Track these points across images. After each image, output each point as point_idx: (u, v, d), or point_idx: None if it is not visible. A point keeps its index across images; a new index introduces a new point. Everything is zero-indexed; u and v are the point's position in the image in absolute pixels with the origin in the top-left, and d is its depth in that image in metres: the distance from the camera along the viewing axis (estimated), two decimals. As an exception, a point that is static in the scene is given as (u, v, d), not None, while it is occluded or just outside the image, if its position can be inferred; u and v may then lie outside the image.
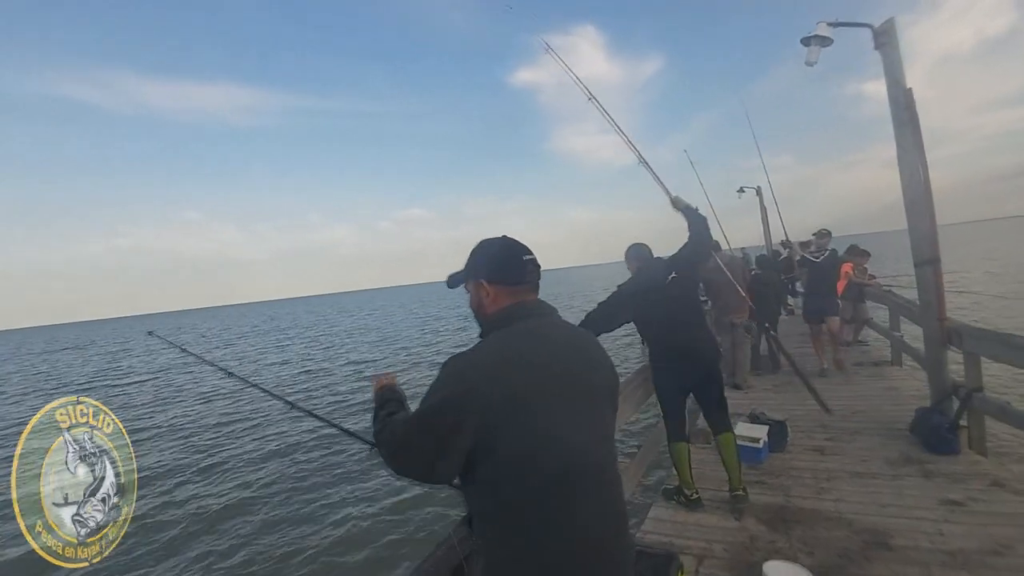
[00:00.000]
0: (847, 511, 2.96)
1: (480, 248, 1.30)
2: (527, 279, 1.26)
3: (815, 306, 6.32)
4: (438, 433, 1.06)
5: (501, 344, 1.14)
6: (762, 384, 6.08)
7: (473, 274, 1.29)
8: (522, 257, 1.26)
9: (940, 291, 3.90)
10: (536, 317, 1.22)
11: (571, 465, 1.08)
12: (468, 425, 1.02)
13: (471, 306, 1.31)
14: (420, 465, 1.12)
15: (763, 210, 12.89)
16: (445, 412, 1.05)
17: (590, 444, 1.14)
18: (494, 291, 1.24)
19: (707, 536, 2.87)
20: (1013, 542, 2.48)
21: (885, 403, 4.85)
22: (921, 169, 3.81)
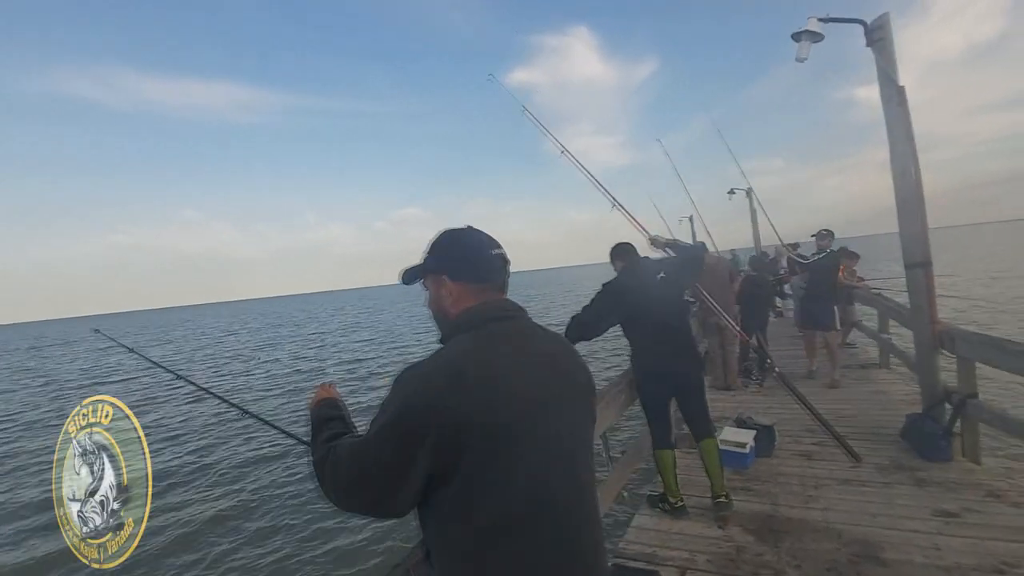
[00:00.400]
0: (836, 521, 2.84)
1: (441, 239, 1.13)
2: (494, 276, 1.10)
3: (811, 313, 6.00)
4: (393, 459, 0.90)
5: (465, 351, 0.97)
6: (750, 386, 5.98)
7: (433, 269, 1.12)
8: (490, 251, 1.10)
9: (932, 294, 3.80)
10: (505, 320, 1.06)
11: (545, 492, 0.94)
12: (428, 447, 0.87)
13: (429, 306, 1.14)
14: (372, 498, 0.94)
15: (753, 212, 12.85)
16: (400, 433, 0.89)
17: (567, 466, 1.00)
18: (457, 289, 1.08)
19: (691, 546, 2.73)
20: (1018, 559, 2.35)
21: (873, 407, 4.76)
22: (913, 169, 3.71)
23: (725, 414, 4.71)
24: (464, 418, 0.88)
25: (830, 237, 5.94)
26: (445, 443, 0.87)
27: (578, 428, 1.07)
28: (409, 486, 0.90)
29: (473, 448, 0.88)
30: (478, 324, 1.03)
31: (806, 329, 6.19)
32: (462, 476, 0.88)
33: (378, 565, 4.73)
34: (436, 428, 0.87)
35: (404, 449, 0.89)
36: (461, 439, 0.87)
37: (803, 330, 6.28)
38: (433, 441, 0.87)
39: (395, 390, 0.94)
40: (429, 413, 0.88)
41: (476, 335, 1.01)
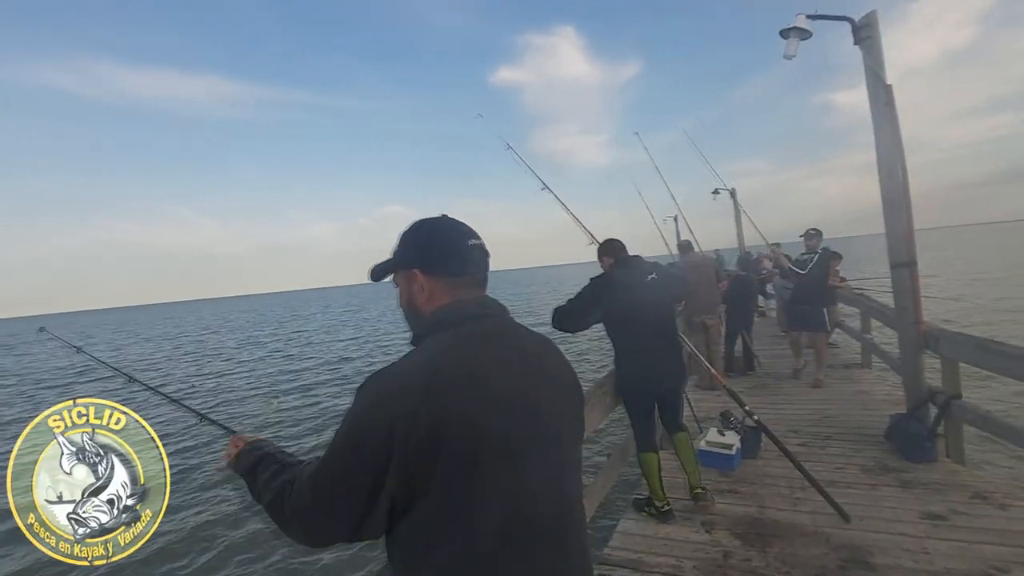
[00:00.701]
0: (824, 524, 2.79)
1: (413, 230, 1.02)
2: (472, 269, 0.99)
3: (801, 315, 5.80)
4: (360, 478, 0.79)
5: (442, 351, 0.86)
6: (735, 386, 5.91)
7: (404, 262, 1.01)
8: (467, 241, 1.00)
9: (917, 294, 3.78)
10: (485, 318, 0.96)
11: (534, 507, 0.84)
12: (398, 461, 0.76)
13: (400, 304, 1.03)
14: (340, 526, 0.83)
15: (737, 212, 12.93)
16: (366, 447, 0.78)
17: (553, 481, 0.90)
18: (430, 284, 0.98)
19: (677, 552, 2.66)
20: (1007, 564, 2.32)
21: (856, 408, 4.76)
22: (899, 168, 3.69)
23: (711, 414, 4.67)
24: (440, 426, 0.77)
25: (818, 236, 5.80)
26: (419, 455, 0.76)
27: (568, 434, 0.97)
28: (378, 507, 0.79)
29: (452, 461, 0.77)
30: (455, 322, 0.92)
31: (793, 331, 6.04)
32: (439, 492, 0.77)
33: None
34: (407, 438, 0.76)
35: (371, 465, 0.78)
36: (438, 450, 0.76)
37: (789, 331, 6.13)
38: (404, 453, 0.76)
39: (358, 399, 0.82)
40: (398, 422, 0.76)
41: (453, 334, 0.90)
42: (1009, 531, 2.59)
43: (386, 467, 0.77)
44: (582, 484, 1.02)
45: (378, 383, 0.83)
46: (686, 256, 6.22)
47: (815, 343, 5.75)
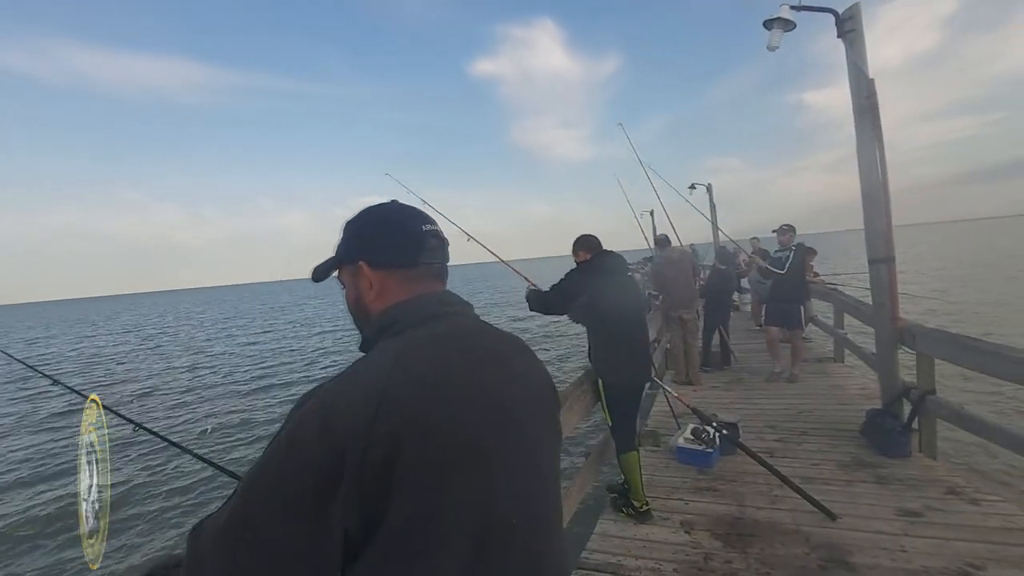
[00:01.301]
0: (804, 523, 2.75)
1: (357, 218, 0.89)
2: (427, 258, 0.86)
3: (779, 313, 5.69)
4: (290, 523, 0.62)
5: (394, 359, 0.72)
6: (711, 381, 5.95)
7: (348, 255, 0.87)
8: (420, 227, 0.87)
9: (894, 290, 3.79)
10: (445, 318, 0.83)
11: (501, 527, 0.71)
12: (342, 494, 0.62)
13: (348, 305, 0.89)
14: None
15: (713, 207, 13.03)
16: (309, 481, 0.62)
17: (530, 493, 0.78)
18: (379, 278, 0.85)
19: (657, 554, 2.59)
20: (982, 560, 2.31)
21: (831, 402, 4.78)
22: (879, 163, 3.68)
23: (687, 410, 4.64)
24: (401, 443, 0.63)
25: (792, 232, 5.74)
26: (376, 479, 0.62)
27: (545, 440, 0.85)
28: (321, 554, 0.63)
29: (416, 480, 0.64)
30: (412, 323, 0.79)
31: (771, 327, 5.86)
32: (401, 517, 0.63)
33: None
34: (363, 463, 0.62)
35: (303, 503, 0.62)
36: (398, 471, 0.63)
37: (767, 328, 5.96)
38: (360, 480, 0.62)
39: (295, 420, 0.67)
40: (350, 444, 0.62)
41: (410, 336, 0.77)
42: (983, 527, 2.60)
43: (322, 505, 0.62)
44: (560, 492, 0.91)
45: (321, 398, 0.68)
46: (664, 250, 6.18)
47: (792, 339, 5.70)
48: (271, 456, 0.65)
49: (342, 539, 0.64)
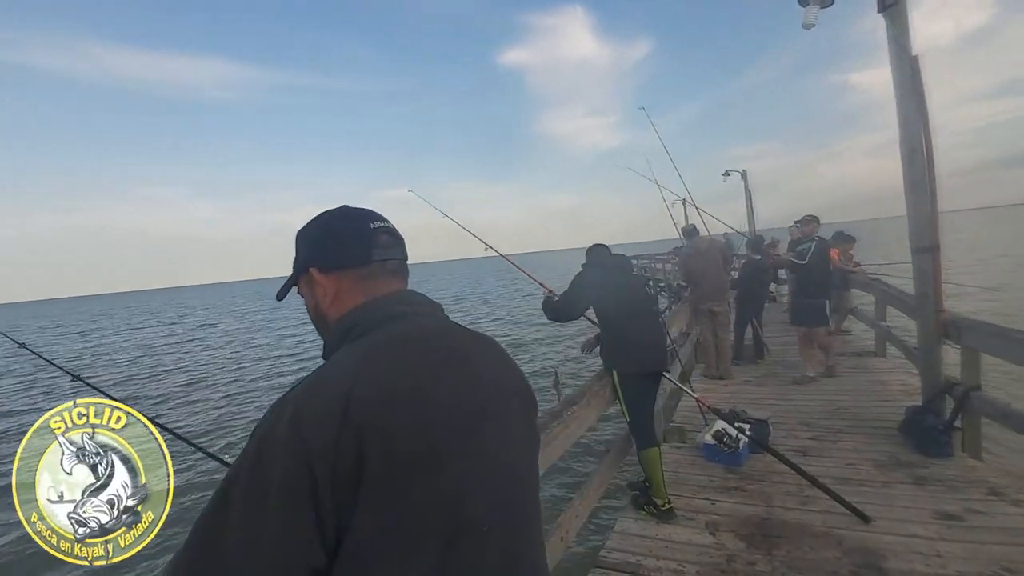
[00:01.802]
0: (835, 525, 2.65)
1: (305, 227, 0.88)
2: (379, 255, 0.84)
3: (802, 310, 5.37)
4: (263, 543, 0.59)
5: (356, 364, 0.70)
6: (744, 375, 5.79)
7: (301, 265, 0.86)
8: (368, 224, 0.85)
9: (938, 280, 3.58)
10: (407, 318, 0.80)
11: (473, 534, 0.69)
12: (314, 500, 0.60)
13: (309, 315, 0.88)
14: None
15: (748, 194, 12.63)
16: (276, 489, 0.60)
17: (504, 498, 0.75)
18: (333, 282, 0.83)
19: (679, 555, 2.53)
20: (1018, 565, 2.18)
21: (870, 399, 4.57)
22: (924, 146, 3.46)
23: (717, 405, 4.52)
24: (367, 450, 0.62)
25: (815, 222, 5.41)
26: (337, 491, 0.61)
27: (520, 443, 0.83)
28: (296, 563, 0.61)
29: (376, 492, 0.62)
30: (372, 326, 0.77)
31: (798, 327, 5.49)
32: (368, 526, 0.62)
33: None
34: (332, 473, 0.60)
35: (273, 521, 0.60)
36: (359, 481, 0.61)
37: (795, 327, 5.61)
38: (331, 491, 0.60)
39: (258, 432, 0.66)
40: (317, 455, 0.60)
41: (371, 340, 0.75)
42: (1021, 529, 2.46)
43: (302, 509, 0.60)
44: (538, 492, 0.88)
45: (287, 407, 0.66)
46: (692, 241, 6.01)
47: (817, 337, 5.32)
48: (241, 469, 0.64)
49: (319, 547, 0.61)
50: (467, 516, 0.69)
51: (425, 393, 0.70)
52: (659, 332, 3.13)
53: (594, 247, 3.22)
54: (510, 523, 0.75)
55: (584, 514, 2.41)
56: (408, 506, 0.64)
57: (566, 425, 2.11)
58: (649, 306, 3.15)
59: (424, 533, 0.65)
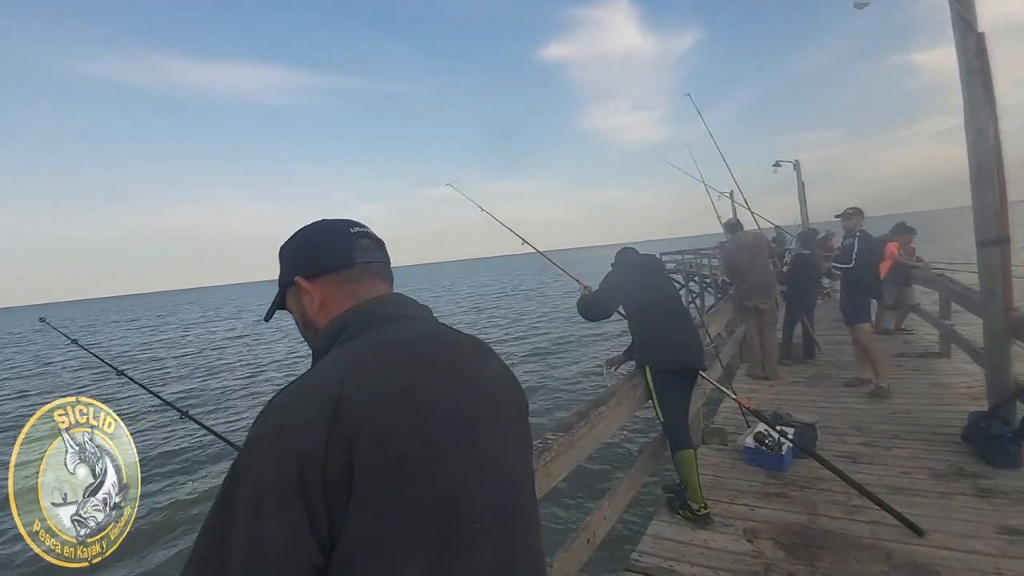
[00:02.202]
0: (885, 537, 2.49)
1: (287, 242, 0.89)
2: (360, 257, 0.85)
3: (846, 309, 4.89)
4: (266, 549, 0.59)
5: (344, 365, 0.70)
6: (792, 375, 5.53)
7: (286, 278, 0.87)
8: (348, 230, 0.86)
9: (1007, 275, 3.30)
10: (395, 321, 0.80)
11: (465, 538, 0.69)
12: (313, 506, 0.60)
13: (299, 328, 0.89)
14: None
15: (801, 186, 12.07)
16: (273, 500, 0.60)
17: (497, 502, 0.75)
18: (318, 289, 0.83)
19: (714, 562, 2.45)
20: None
21: (931, 403, 4.28)
22: (991, 130, 3.19)
23: (761, 407, 4.35)
24: (357, 451, 0.62)
25: (858, 216, 4.87)
26: (328, 496, 0.60)
27: (513, 447, 0.83)
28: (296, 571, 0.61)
29: (367, 496, 0.62)
30: (362, 328, 0.77)
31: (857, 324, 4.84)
32: (360, 528, 0.61)
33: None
34: (321, 474, 0.60)
35: (273, 523, 0.60)
36: (350, 485, 0.61)
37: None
38: (321, 492, 0.60)
39: (249, 440, 0.66)
40: (308, 455, 0.61)
41: (362, 342, 0.75)
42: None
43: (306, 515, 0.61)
44: (535, 494, 0.88)
45: (275, 411, 0.67)
46: (735, 236, 5.77)
47: (856, 336, 4.77)
48: (238, 472, 0.64)
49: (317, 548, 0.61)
50: (461, 518, 0.69)
51: (418, 395, 0.70)
52: (693, 330, 3.04)
53: (623, 249, 3.26)
54: (505, 525, 0.75)
55: (613, 516, 2.36)
56: (401, 508, 0.64)
57: (592, 425, 2.07)
58: (680, 304, 3.09)
59: (418, 535, 0.65)
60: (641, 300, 2.96)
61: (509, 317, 22.33)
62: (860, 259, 4.71)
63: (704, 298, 15.94)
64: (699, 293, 16.53)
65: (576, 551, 2.02)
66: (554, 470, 1.78)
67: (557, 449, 1.80)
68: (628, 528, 3.68)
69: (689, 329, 2.99)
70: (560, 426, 1.97)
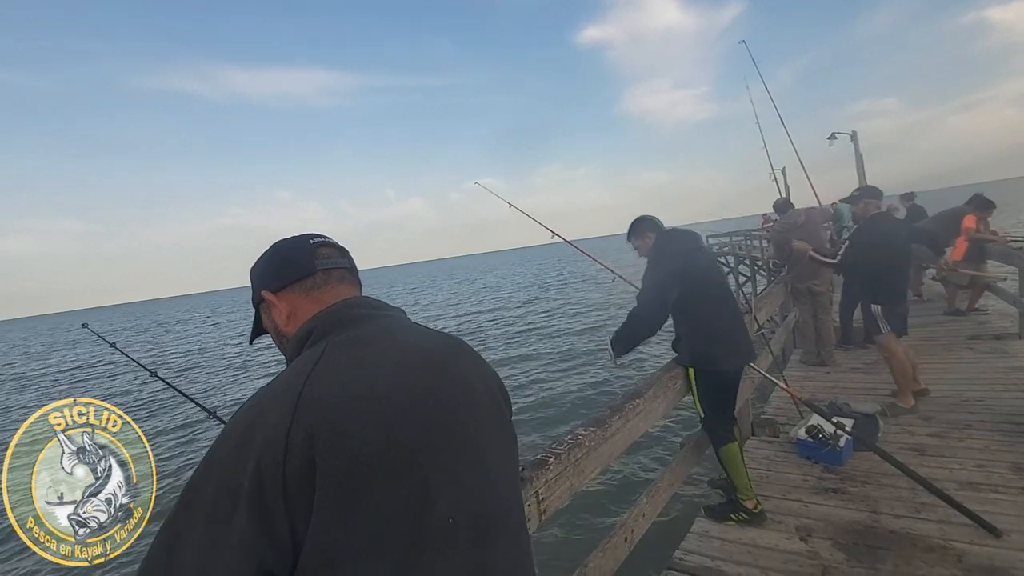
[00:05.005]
0: (956, 538, 2.29)
1: (254, 264, 0.92)
2: (322, 264, 0.87)
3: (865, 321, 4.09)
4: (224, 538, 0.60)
5: (308, 366, 0.70)
6: (851, 361, 5.21)
7: (255, 296, 0.90)
8: (307, 241, 0.90)
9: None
10: (362, 322, 0.80)
11: (438, 543, 0.68)
12: (268, 508, 0.60)
13: (276, 344, 0.90)
14: None
15: (859, 159, 11.35)
16: (229, 501, 0.61)
17: (472, 502, 0.73)
18: (286, 301, 0.85)
19: (764, 561, 2.32)
20: None
21: (1008, 389, 3.91)
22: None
23: (817, 395, 4.11)
24: (317, 452, 0.61)
25: (872, 198, 3.88)
26: (291, 499, 0.60)
27: (496, 445, 0.81)
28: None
29: (332, 497, 0.61)
30: (329, 329, 0.78)
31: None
32: (315, 539, 0.61)
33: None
34: (278, 473, 0.60)
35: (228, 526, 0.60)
36: (312, 486, 0.61)
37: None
38: (280, 491, 0.60)
39: (214, 444, 0.67)
40: (265, 453, 0.61)
41: (327, 343, 0.75)
42: None
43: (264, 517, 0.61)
44: (520, 494, 0.87)
45: (241, 414, 0.68)
46: (786, 215, 5.46)
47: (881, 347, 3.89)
48: (199, 475, 0.65)
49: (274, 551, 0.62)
50: (434, 518, 0.67)
51: (384, 393, 0.70)
52: (743, 324, 2.78)
53: (643, 221, 2.75)
54: (483, 526, 0.73)
55: (652, 513, 2.26)
56: (367, 507, 0.63)
57: (626, 419, 1.98)
58: (729, 292, 2.74)
59: (387, 534, 0.64)
60: (692, 296, 2.55)
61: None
62: (857, 255, 3.85)
63: (756, 282, 15.29)
64: (750, 277, 15.89)
65: (613, 550, 1.95)
66: (586, 467, 1.71)
67: (589, 445, 1.72)
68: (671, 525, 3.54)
69: (740, 325, 2.72)
70: (592, 421, 1.89)
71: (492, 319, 19.68)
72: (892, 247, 3.70)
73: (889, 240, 3.71)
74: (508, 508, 0.81)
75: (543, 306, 21.46)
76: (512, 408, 0.92)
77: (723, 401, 2.65)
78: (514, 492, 0.85)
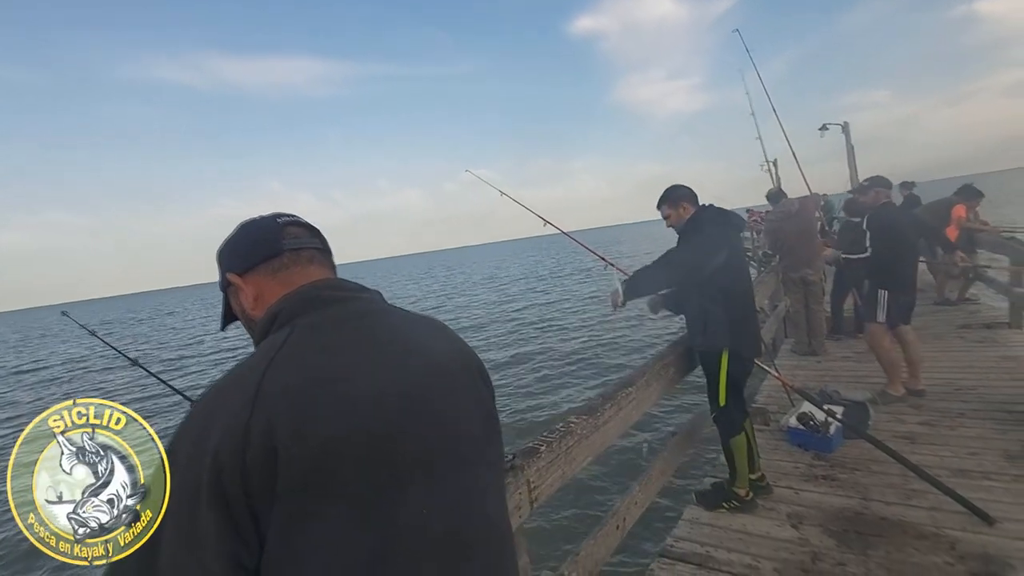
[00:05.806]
0: (948, 525, 2.28)
1: (220, 245, 0.86)
2: (289, 244, 0.81)
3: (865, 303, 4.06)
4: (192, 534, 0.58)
5: (273, 351, 0.66)
6: (842, 351, 5.22)
7: (222, 280, 0.84)
8: (275, 220, 0.83)
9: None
10: (333, 304, 0.75)
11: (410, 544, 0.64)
12: (222, 501, 0.57)
13: (245, 328, 0.85)
14: None
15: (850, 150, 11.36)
16: (185, 495, 0.60)
17: (453, 501, 0.69)
18: (252, 283, 0.80)
19: (755, 548, 2.30)
20: None
21: (1000, 377, 3.92)
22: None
23: (808, 384, 4.10)
24: (278, 442, 0.58)
25: (881, 188, 3.79)
26: (252, 497, 0.57)
27: (479, 434, 0.77)
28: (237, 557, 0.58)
29: (294, 494, 0.57)
30: (295, 313, 0.72)
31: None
32: (283, 530, 0.57)
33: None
34: (236, 464, 0.57)
35: (194, 521, 0.57)
36: (274, 482, 0.57)
37: None
38: (240, 483, 0.57)
39: (175, 433, 0.65)
40: (224, 444, 0.57)
41: (292, 327, 0.70)
42: None
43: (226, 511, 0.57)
44: (504, 491, 0.85)
45: (199, 406, 0.65)
46: (778, 205, 5.44)
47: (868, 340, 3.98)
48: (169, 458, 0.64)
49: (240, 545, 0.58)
50: (408, 505, 0.64)
51: (352, 377, 0.66)
52: (756, 319, 2.77)
53: (681, 189, 2.55)
54: (457, 509, 0.69)
55: (645, 501, 2.22)
56: (334, 494, 0.60)
57: (619, 408, 1.94)
58: (751, 285, 2.69)
59: (356, 521, 0.60)
60: (733, 278, 2.44)
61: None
62: (878, 244, 3.70)
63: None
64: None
65: (605, 538, 1.91)
66: (577, 455, 1.67)
67: (580, 433, 1.68)
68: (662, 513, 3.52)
69: (756, 315, 2.71)
70: (584, 408, 1.85)
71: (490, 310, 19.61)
72: (903, 236, 3.71)
73: (900, 229, 3.71)
74: (485, 487, 0.76)
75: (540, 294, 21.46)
76: (494, 391, 0.86)
77: (741, 390, 2.59)
78: (496, 475, 0.82)
